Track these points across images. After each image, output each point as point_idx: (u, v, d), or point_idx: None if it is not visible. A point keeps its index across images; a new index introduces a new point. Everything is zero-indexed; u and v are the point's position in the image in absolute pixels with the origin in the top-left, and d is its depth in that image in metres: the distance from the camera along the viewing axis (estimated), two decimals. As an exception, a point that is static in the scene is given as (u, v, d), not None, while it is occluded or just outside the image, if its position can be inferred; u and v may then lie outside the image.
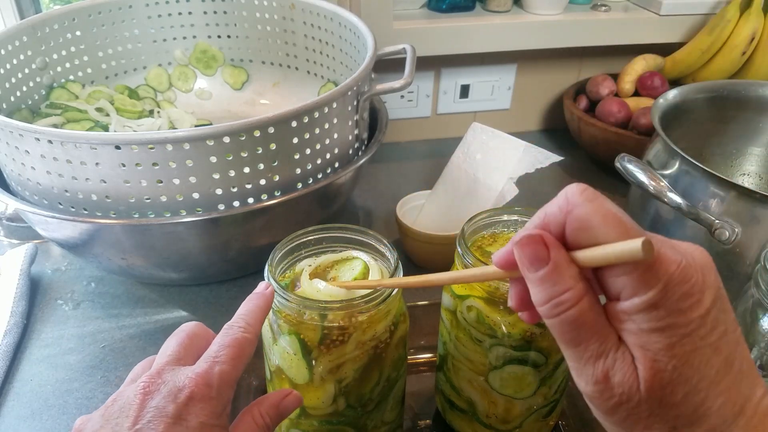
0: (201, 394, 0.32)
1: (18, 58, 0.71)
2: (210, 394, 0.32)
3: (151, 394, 0.32)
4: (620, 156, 0.59)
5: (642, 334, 0.26)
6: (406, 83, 0.64)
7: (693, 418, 0.26)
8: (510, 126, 1.03)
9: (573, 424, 0.53)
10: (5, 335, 0.60)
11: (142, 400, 0.32)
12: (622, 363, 0.26)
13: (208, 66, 0.88)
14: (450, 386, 0.49)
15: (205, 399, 0.32)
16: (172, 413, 0.31)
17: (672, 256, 0.26)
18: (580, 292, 0.27)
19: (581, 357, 0.27)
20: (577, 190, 0.27)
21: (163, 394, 0.32)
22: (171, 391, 0.32)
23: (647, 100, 0.91)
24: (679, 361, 0.25)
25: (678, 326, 0.25)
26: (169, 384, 0.32)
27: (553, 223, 0.28)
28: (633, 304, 0.26)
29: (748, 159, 0.73)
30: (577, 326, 0.27)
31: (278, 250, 0.44)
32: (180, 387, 0.32)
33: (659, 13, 0.94)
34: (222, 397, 0.33)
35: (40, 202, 0.58)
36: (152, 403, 0.31)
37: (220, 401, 0.33)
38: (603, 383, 0.27)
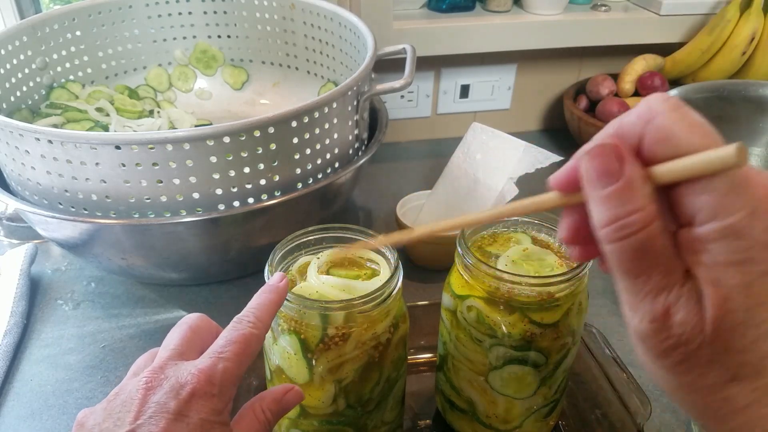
0: (203, 390, 0.32)
1: (18, 58, 0.71)
2: (212, 391, 0.32)
3: (153, 389, 0.32)
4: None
5: (717, 268, 0.23)
6: (406, 83, 0.64)
7: (759, 367, 0.23)
8: (510, 126, 1.03)
9: (573, 424, 0.53)
10: (5, 335, 0.60)
11: (144, 395, 0.31)
12: (687, 300, 0.23)
13: (208, 66, 0.88)
14: (450, 386, 0.49)
15: (207, 396, 0.32)
16: (173, 409, 0.31)
17: (762, 180, 0.22)
18: (652, 215, 0.23)
19: (640, 290, 0.24)
20: (661, 97, 0.24)
21: (165, 390, 0.31)
22: (173, 387, 0.32)
23: (647, 100, 0.91)
24: (755, 302, 0.22)
25: (760, 262, 0.22)
26: (172, 379, 0.32)
27: (630, 134, 0.24)
28: (712, 230, 0.22)
29: (749, 159, 0.73)
30: (641, 254, 0.24)
31: (278, 250, 0.44)
32: (182, 383, 0.32)
33: (659, 13, 0.94)
34: (224, 394, 0.33)
35: (40, 202, 0.58)
36: (154, 398, 0.31)
37: (222, 398, 0.32)
38: (661, 321, 0.24)
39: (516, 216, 0.42)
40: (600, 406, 0.53)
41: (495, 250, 0.47)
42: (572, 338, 0.44)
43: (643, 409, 0.50)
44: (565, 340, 0.44)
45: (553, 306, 0.42)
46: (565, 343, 0.44)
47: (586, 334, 0.58)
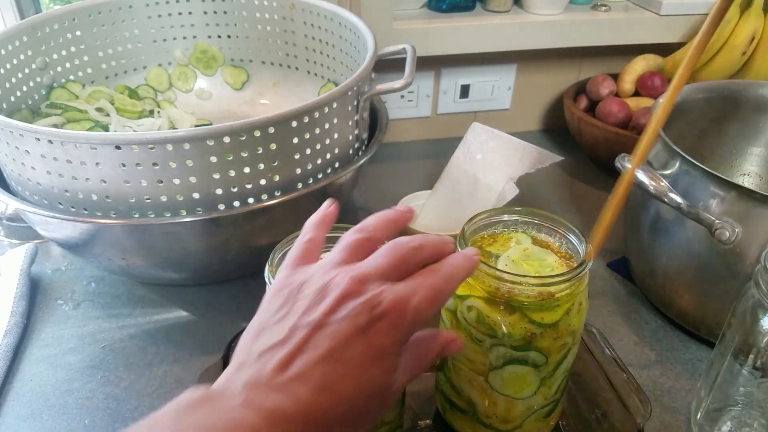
0: (393, 318, 0.32)
1: (18, 58, 0.71)
2: (401, 322, 0.33)
3: (352, 296, 0.32)
4: (620, 156, 0.59)
5: None
6: (407, 83, 0.64)
7: None
8: (510, 126, 1.03)
9: (573, 424, 0.53)
10: (5, 335, 0.60)
11: (341, 297, 0.32)
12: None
13: (208, 66, 0.88)
14: (450, 386, 0.49)
15: (394, 325, 0.32)
16: (362, 323, 0.32)
17: None
18: None
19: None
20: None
21: (361, 302, 0.32)
22: (369, 302, 0.32)
23: (647, 100, 0.91)
24: None
25: None
26: (369, 294, 0.33)
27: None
28: None
29: (749, 159, 0.73)
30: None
31: (278, 250, 0.44)
32: (377, 302, 0.32)
33: (659, 13, 0.94)
34: (409, 330, 0.33)
35: (40, 202, 0.58)
36: (350, 304, 0.32)
37: (407, 333, 0.33)
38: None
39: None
40: (600, 406, 0.53)
41: (495, 250, 0.47)
42: (572, 338, 0.44)
43: (643, 409, 0.50)
44: (565, 340, 0.44)
45: (553, 306, 0.42)
46: (565, 343, 0.44)
47: (586, 334, 0.58)
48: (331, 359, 0.31)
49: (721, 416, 0.52)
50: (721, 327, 0.50)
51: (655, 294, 0.65)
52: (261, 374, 0.30)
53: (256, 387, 0.30)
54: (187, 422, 0.28)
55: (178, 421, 0.28)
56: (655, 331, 0.64)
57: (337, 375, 0.31)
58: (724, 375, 0.50)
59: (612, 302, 0.68)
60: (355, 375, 0.31)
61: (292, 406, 0.29)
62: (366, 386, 0.31)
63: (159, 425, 0.28)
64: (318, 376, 0.30)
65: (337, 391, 0.30)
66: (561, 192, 0.42)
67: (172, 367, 0.59)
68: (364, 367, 0.31)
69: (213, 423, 0.28)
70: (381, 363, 0.32)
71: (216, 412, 0.28)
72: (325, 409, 0.30)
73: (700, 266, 0.57)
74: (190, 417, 0.28)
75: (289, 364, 0.31)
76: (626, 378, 0.53)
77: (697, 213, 0.54)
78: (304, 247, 0.38)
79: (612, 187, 0.89)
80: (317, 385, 0.30)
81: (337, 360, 0.31)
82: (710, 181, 0.55)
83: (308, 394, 0.30)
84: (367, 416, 0.32)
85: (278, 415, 0.29)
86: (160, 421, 0.28)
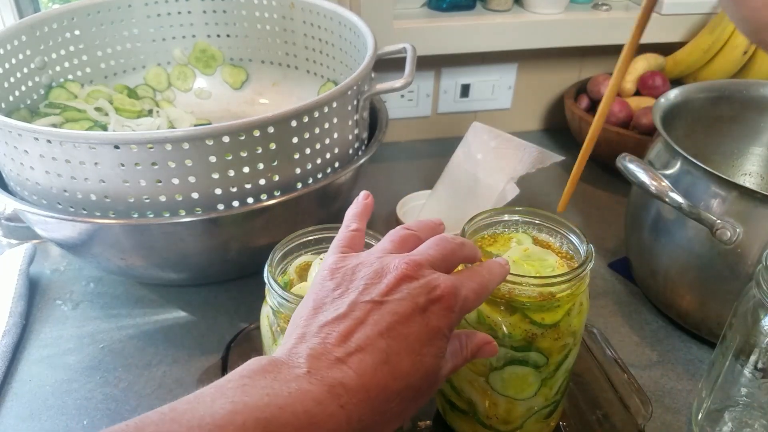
0: (449, 302, 0.34)
1: (17, 57, 0.71)
2: (454, 307, 0.34)
3: (409, 279, 0.34)
4: (621, 156, 0.59)
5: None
6: (407, 83, 0.64)
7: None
8: (511, 126, 1.03)
9: (574, 425, 0.53)
10: (4, 335, 0.59)
11: (399, 278, 0.33)
12: None
13: (208, 65, 0.88)
14: (450, 387, 0.49)
15: (448, 309, 0.34)
16: (421, 304, 0.33)
17: None
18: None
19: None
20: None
21: (420, 284, 0.33)
22: (428, 285, 0.34)
23: (648, 99, 0.91)
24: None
25: None
26: (427, 278, 0.34)
27: None
28: None
29: (750, 159, 0.73)
30: None
31: (278, 250, 0.44)
32: (435, 285, 0.34)
33: (660, 12, 0.93)
34: (458, 319, 0.35)
35: (39, 202, 0.58)
36: (408, 286, 0.33)
37: (456, 320, 0.35)
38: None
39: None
40: (601, 407, 0.53)
41: (495, 250, 0.47)
42: (573, 339, 0.44)
43: (644, 410, 0.50)
44: (566, 340, 0.44)
45: (554, 306, 0.42)
46: (566, 344, 0.44)
47: (587, 334, 0.58)
48: (390, 334, 0.32)
49: (722, 417, 0.52)
50: (722, 327, 0.50)
51: (656, 294, 0.65)
52: (324, 345, 0.31)
53: (319, 358, 0.31)
54: (252, 389, 0.28)
55: (243, 389, 0.28)
56: (656, 331, 0.64)
57: (396, 350, 0.31)
58: (725, 375, 0.50)
59: (613, 303, 0.68)
60: (412, 352, 0.32)
61: (353, 378, 0.30)
62: (421, 365, 0.32)
63: (224, 391, 0.28)
64: (378, 350, 0.31)
65: (396, 366, 0.31)
66: (561, 192, 0.42)
67: (171, 368, 0.59)
68: (420, 345, 0.32)
69: (277, 391, 0.28)
70: (435, 343, 0.33)
71: (280, 381, 0.29)
72: (384, 384, 0.31)
73: (701, 266, 0.57)
74: (255, 384, 0.29)
75: (350, 336, 0.31)
76: (627, 378, 0.53)
77: (698, 213, 0.53)
78: (350, 235, 0.39)
79: (613, 187, 0.89)
80: (378, 358, 0.31)
81: (396, 336, 0.32)
82: (711, 181, 0.55)
83: (369, 366, 0.31)
84: (419, 397, 0.33)
85: (340, 387, 0.30)
86: (225, 387, 0.29)
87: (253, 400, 0.28)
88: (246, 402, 0.28)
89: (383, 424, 0.31)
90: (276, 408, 0.28)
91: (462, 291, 0.35)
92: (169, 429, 0.26)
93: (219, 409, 0.27)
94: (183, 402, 0.28)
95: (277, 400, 0.28)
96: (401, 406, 0.32)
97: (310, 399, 0.29)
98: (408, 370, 0.32)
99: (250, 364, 0.31)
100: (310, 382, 0.29)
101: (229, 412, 0.27)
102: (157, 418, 0.27)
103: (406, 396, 0.32)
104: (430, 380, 0.33)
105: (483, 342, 0.38)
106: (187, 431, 0.26)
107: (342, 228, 0.40)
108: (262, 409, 0.27)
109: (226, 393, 0.28)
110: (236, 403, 0.27)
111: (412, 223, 0.40)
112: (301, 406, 0.28)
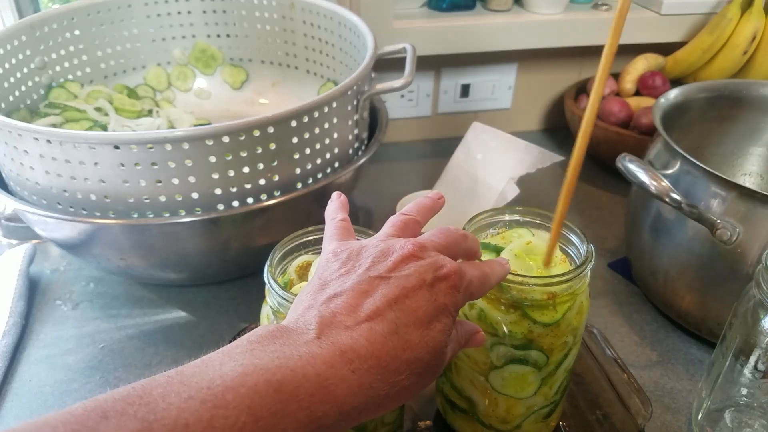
0: (455, 281, 0.34)
1: (17, 57, 0.71)
2: (459, 287, 0.34)
3: (415, 258, 0.34)
4: (621, 156, 0.59)
5: None
6: (407, 83, 0.64)
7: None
8: (511, 125, 1.03)
9: (574, 425, 0.53)
10: (4, 336, 0.59)
11: (405, 256, 0.34)
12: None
13: (207, 65, 0.88)
14: (451, 386, 0.49)
15: (455, 287, 0.34)
16: (429, 280, 0.33)
17: None
18: None
19: None
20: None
21: (427, 262, 0.34)
22: (434, 264, 0.34)
23: (648, 99, 0.91)
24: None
25: None
26: (433, 258, 0.34)
27: None
28: None
29: (750, 159, 0.73)
30: None
31: (278, 250, 0.44)
32: (442, 264, 0.34)
33: (660, 12, 0.93)
34: (462, 299, 0.35)
35: (39, 202, 0.58)
36: (416, 263, 0.34)
37: (461, 301, 0.35)
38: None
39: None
40: (601, 407, 0.53)
41: (495, 242, 0.47)
42: (573, 337, 0.44)
43: (644, 410, 0.50)
44: (566, 339, 0.44)
45: (555, 305, 0.42)
46: (566, 343, 0.44)
47: (587, 334, 0.58)
48: (399, 307, 0.32)
49: (722, 417, 0.52)
50: (722, 327, 0.50)
51: (656, 294, 0.65)
52: (333, 313, 0.31)
53: (329, 324, 0.31)
54: (261, 353, 0.28)
55: (253, 353, 0.28)
56: (656, 331, 0.64)
57: (405, 322, 0.32)
58: (725, 375, 0.50)
59: (613, 302, 0.68)
60: (420, 325, 0.32)
61: (364, 344, 0.30)
62: (430, 339, 0.32)
63: (233, 355, 0.28)
64: (388, 320, 0.31)
65: (405, 338, 0.31)
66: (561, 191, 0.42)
67: (171, 368, 0.59)
68: (429, 320, 0.32)
69: (287, 355, 0.28)
70: (442, 319, 0.33)
71: (290, 346, 0.29)
72: (394, 353, 0.31)
73: (701, 266, 0.57)
74: (264, 348, 0.29)
75: (359, 306, 0.31)
76: (627, 378, 0.53)
77: (699, 213, 0.53)
78: (340, 225, 0.39)
79: (613, 187, 0.89)
80: (387, 328, 0.31)
81: (405, 309, 0.32)
82: (711, 181, 0.55)
83: (379, 335, 0.31)
84: (428, 372, 0.33)
85: (351, 352, 0.30)
86: (233, 351, 0.29)
87: (263, 362, 0.28)
88: (256, 364, 0.27)
89: (393, 396, 0.31)
90: (288, 370, 0.27)
91: (467, 274, 0.35)
92: (177, 390, 0.26)
93: (229, 372, 0.27)
94: (190, 366, 0.28)
95: (288, 363, 0.28)
96: (411, 379, 0.32)
97: (322, 362, 0.29)
98: (417, 342, 0.32)
99: (258, 330, 0.30)
100: (320, 346, 0.29)
101: (240, 374, 0.27)
102: (164, 380, 0.26)
103: (416, 369, 0.32)
104: (438, 356, 0.33)
105: (473, 331, 0.38)
106: (196, 393, 0.26)
107: (328, 222, 0.40)
108: (273, 372, 0.27)
109: (235, 357, 0.28)
110: (246, 365, 0.27)
111: (409, 207, 0.40)
112: (312, 369, 0.28)
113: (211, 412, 0.25)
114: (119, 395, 0.25)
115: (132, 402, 0.25)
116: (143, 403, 0.25)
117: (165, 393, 0.26)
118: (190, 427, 0.25)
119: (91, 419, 0.24)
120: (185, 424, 0.24)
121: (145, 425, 0.24)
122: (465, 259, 0.39)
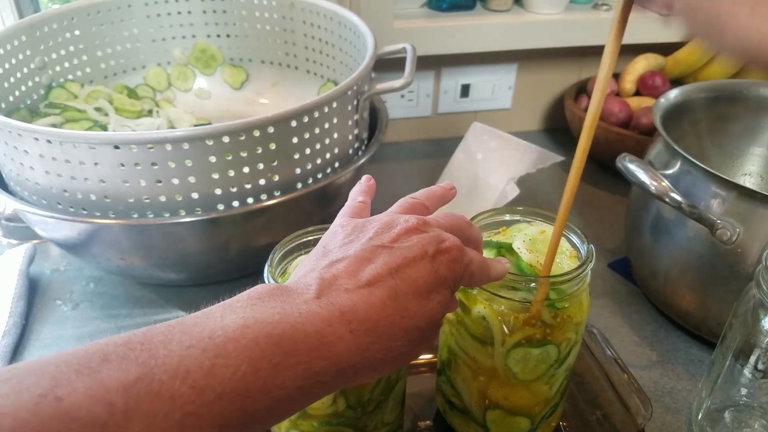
0: (455, 254, 0.34)
1: (17, 57, 0.70)
2: (461, 261, 0.35)
3: (418, 231, 0.34)
4: (621, 156, 0.59)
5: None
6: (407, 83, 0.64)
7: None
8: (511, 126, 1.03)
9: (574, 426, 0.53)
10: (4, 336, 0.59)
11: (408, 229, 0.34)
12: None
13: (207, 65, 0.88)
14: (450, 386, 0.49)
15: (456, 261, 0.34)
16: (431, 251, 0.33)
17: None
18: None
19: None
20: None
21: (429, 236, 0.34)
22: (436, 238, 0.34)
23: (648, 99, 0.91)
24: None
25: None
26: (435, 232, 0.35)
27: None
28: None
29: (750, 159, 0.73)
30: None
31: (278, 250, 0.44)
32: (443, 239, 0.34)
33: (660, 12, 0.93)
34: (462, 275, 0.35)
35: (39, 202, 0.58)
36: (419, 236, 0.34)
37: (461, 277, 0.35)
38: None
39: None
40: (601, 407, 0.53)
41: (499, 238, 0.47)
42: (574, 335, 0.44)
43: (644, 410, 0.50)
44: (568, 335, 0.44)
45: (555, 304, 0.42)
46: (568, 339, 0.44)
47: (587, 334, 0.58)
48: (399, 275, 0.32)
49: (722, 417, 0.52)
50: (722, 327, 0.50)
51: (656, 294, 0.65)
52: (334, 276, 0.32)
53: (329, 286, 0.31)
54: (262, 308, 0.29)
55: (253, 307, 0.29)
56: (656, 331, 0.64)
57: (405, 291, 0.32)
58: (725, 375, 0.50)
59: (613, 303, 0.68)
60: (419, 295, 0.32)
61: (363, 307, 0.30)
62: (428, 309, 0.33)
63: (234, 309, 0.29)
64: (388, 287, 0.31)
65: (404, 305, 0.32)
66: (562, 192, 0.42)
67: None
68: (428, 290, 0.33)
69: (288, 311, 0.29)
70: (441, 291, 0.33)
71: (290, 304, 0.29)
72: (392, 319, 0.31)
73: (701, 266, 0.57)
74: (264, 305, 0.29)
75: (360, 271, 0.32)
76: (627, 378, 0.53)
77: (699, 213, 0.53)
78: (357, 205, 0.40)
79: (614, 187, 0.89)
80: (387, 294, 0.31)
81: (405, 278, 0.32)
82: (711, 181, 0.55)
83: (378, 299, 0.31)
84: (424, 341, 0.33)
85: (350, 314, 0.30)
86: (234, 305, 0.29)
87: (264, 317, 0.28)
88: (257, 318, 0.28)
89: (389, 361, 0.32)
90: (288, 326, 0.28)
91: (468, 252, 0.36)
92: (179, 339, 0.26)
93: (230, 323, 0.27)
94: (191, 317, 0.28)
95: (289, 319, 0.28)
96: (407, 347, 0.32)
97: (321, 320, 0.29)
98: (415, 311, 0.32)
99: (258, 287, 0.31)
100: (319, 305, 0.30)
101: (241, 326, 0.27)
102: (165, 329, 0.27)
103: (413, 338, 0.32)
104: (435, 327, 0.34)
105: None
106: (197, 342, 0.26)
107: (348, 201, 0.41)
108: (273, 326, 0.28)
109: (236, 310, 0.28)
110: (247, 318, 0.28)
111: (419, 193, 0.41)
112: (312, 326, 0.29)
113: (212, 360, 0.26)
114: (121, 340, 0.26)
115: (133, 347, 0.25)
116: (144, 349, 0.25)
117: (166, 341, 0.26)
118: (191, 374, 0.25)
119: (93, 361, 0.24)
120: (186, 371, 0.25)
121: (146, 370, 0.24)
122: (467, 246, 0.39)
